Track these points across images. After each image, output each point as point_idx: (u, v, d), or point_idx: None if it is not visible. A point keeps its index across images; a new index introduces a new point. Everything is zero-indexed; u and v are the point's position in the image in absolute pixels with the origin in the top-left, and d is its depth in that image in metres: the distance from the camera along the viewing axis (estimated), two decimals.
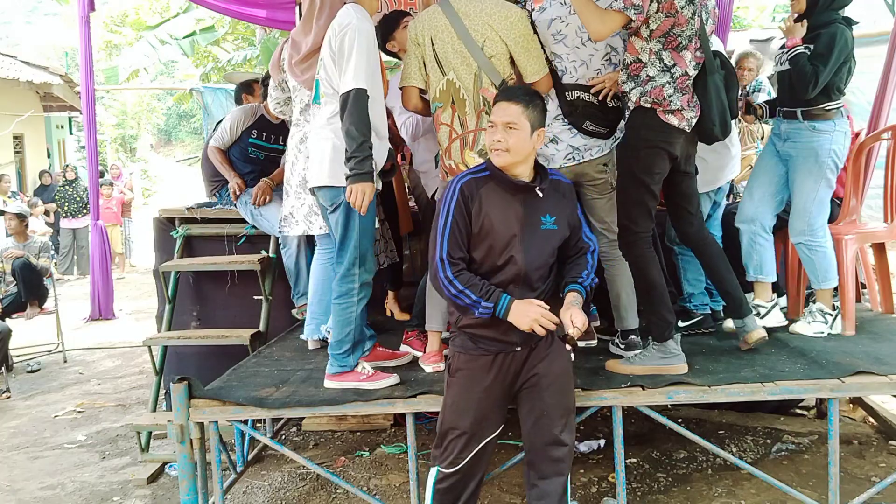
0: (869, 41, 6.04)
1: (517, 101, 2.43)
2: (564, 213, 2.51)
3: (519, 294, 2.41)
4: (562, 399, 2.50)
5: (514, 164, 2.43)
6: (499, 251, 2.41)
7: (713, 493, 3.42)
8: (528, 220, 2.44)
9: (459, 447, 2.46)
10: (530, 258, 2.42)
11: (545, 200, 2.48)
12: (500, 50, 2.93)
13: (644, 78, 2.88)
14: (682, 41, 2.85)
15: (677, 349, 2.98)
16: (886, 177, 3.84)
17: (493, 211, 2.42)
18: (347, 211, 2.91)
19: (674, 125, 2.89)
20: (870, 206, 4.73)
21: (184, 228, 4.61)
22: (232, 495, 3.60)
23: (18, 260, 6.57)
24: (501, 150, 2.40)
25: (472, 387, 2.47)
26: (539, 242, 2.44)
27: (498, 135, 2.41)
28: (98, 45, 18.44)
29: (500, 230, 2.41)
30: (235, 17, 9.03)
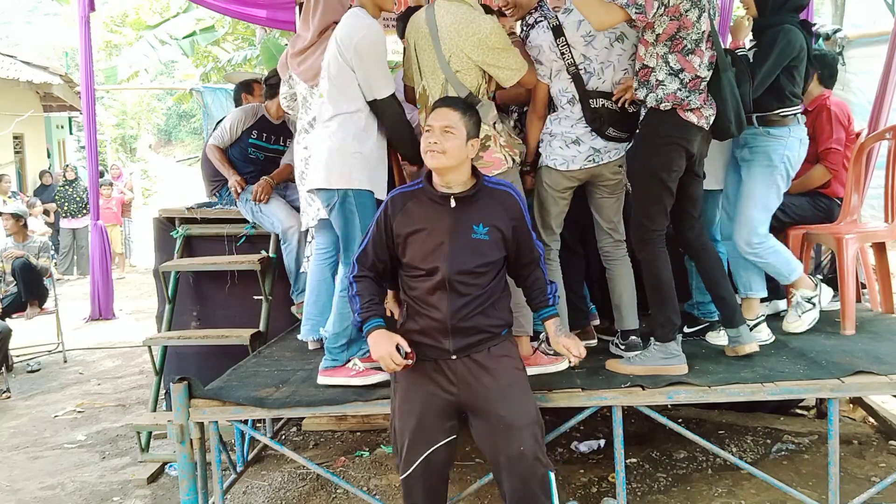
0: (869, 41, 6.03)
1: (455, 108, 2.52)
2: (499, 222, 2.51)
3: (450, 301, 2.44)
4: (516, 409, 2.44)
5: (447, 169, 2.47)
6: (423, 258, 2.47)
7: (713, 493, 3.42)
8: (457, 228, 2.47)
9: (405, 454, 2.49)
10: (455, 266, 2.44)
11: (477, 209, 2.50)
12: (466, 66, 2.94)
13: (654, 83, 2.87)
14: (689, 45, 2.84)
15: (678, 350, 2.98)
16: (887, 177, 3.84)
17: (418, 220, 2.49)
18: (344, 211, 2.95)
19: (693, 122, 2.89)
20: (872, 205, 4.74)
21: (184, 228, 4.61)
22: (232, 495, 3.60)
23: (18, 260, 6.57)
24: (437, 153, 2.45)
25: (413, 391, 2.50)
26: (468, 251, 2.46)
27: (434, 137, 2.46)
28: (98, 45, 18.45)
29: (427, 239, 2.48)
30: (235, 17, 9.04)
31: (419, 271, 2.49)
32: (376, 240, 2.57)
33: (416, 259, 2.49)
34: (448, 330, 2.45)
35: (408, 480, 2.49)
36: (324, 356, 3.08)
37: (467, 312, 2.46)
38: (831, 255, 4.43)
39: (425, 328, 2.49)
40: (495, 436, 2.44)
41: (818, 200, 4.01)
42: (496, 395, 2.45)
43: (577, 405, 2.86)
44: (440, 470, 2.51)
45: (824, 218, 3.98)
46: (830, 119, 3.92)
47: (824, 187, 4.01)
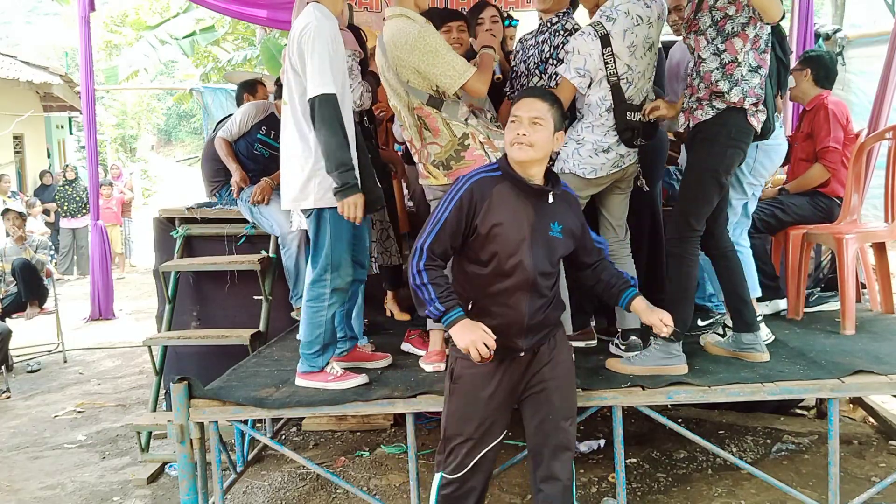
0: (869, 41, 6.04)
1: (544, 99, 2.40)
2: (570, 223, 2.46)
3: (530, 301, 2.38)
4: (566, 402, 2.49)
5: (533, 162, 2.37)
6: (507, 255, 2.34)
7: (713, 493, 3.42)
8: (537, 224, 2.37)
9: (463, 454, 2.43)
10: (538, 264, 2.37)
11: (554, 207, 2.42)
12: (411, 73, 2.97)
13: (738, 77, 2.88)
14: (762, 44, 2.88)
15: (679, 350, 2.98)
16: (887, 177, 3.84)
17: (504, 212, 2.34)
18: (318, 220, 2.92)
19: (754, 126, 2.93)
20: (874, 205, 4.73)
21: (184, 228, 4.61)
22: (232, 495, 3.60)
23: (18, 259, 6.57)
24: (525, 145, 2.33)
25: (475, 394, 2.43)
26: (546, 249, 2.39)
27: (523, 129, 2.34)
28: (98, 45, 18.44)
29: (510, 233, 2.34)
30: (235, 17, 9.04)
31: (498, 269, 2.35)
32: (453, 227, 2.34)
33: (499, 255, 2.34)
34: (524, 329, 2.39)
35: (462, 479, 2.44)
36: (299, 360, 3.04)
37: (543, 310, 2.42)
38: (831, 255, 4.43)
39: (499, 327, 2.34)
40: (545, 424, 2.45)
41: (818, 200, 4.01)
42: (553, 386, 2.46)
43: (577, 405, 2.85)
44: (490, 465, 2.50)
45: (824, 218, 3.98)
46: (828, 118, 3.93)
47: (824, 187, 4.01)
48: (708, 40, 2.93)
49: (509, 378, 2.44)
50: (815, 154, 4.00)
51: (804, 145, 4.07)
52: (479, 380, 2.43)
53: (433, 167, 3.05)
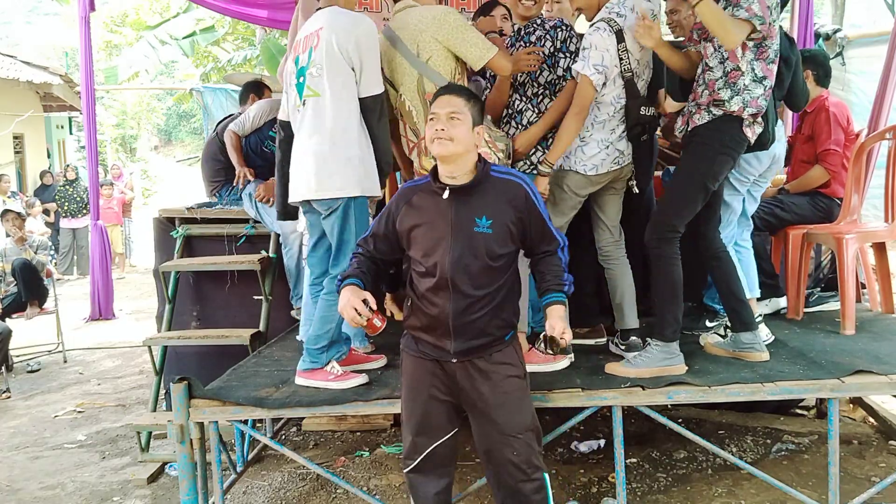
0: (869, 41, 6.03)
1: (459, 94, 2.45)
2: (504, 214, 2.40)
3: (453, 301, 2.37)
4: (513, 418, 2.40)
5: (455, 156, 2.38)
6: (425, 254, 2.42)
7: (713, 493, 3.42)
8: (458, 221, 2.39)
9: (408, 447, 2.51)
10: (456, 263, 2.36)
11: (480, 201, 2.40)
12: (435, 49, 2.98)
13: (741, 86, 2.88)
14: (771, 54, 2.88)
15: (677, 350, 2.99)
16: (887, 177, 3.84)
17: (420, 215, 2.44)
18: (345, 217, 2.92)
19: (748, 137, 2.94)
20: (875, 205, 4.73)
21: (184, 228, 4.61)
22: (232, 495, 3.60)
23: (18, 259, 6.57)
24: (445, 139, 2.36)
25: (416, 389, 2.50)
26: (469, 245, 2.37)
27: (440, 124, 2.38)
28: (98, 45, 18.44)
29: (428, 234, 2.42)
30: (236, 17, 9.04)
31: (420, 267, 2.44)
32: (378, 231, 2.55)
33: (419, 255, 2.44)
34: (449, 331, 2.39)
35: (413, 473, 2.51)
36: (302, 357, 3.05)
37: (471, 313, 2.39)
38: (831, 255, 4.43)
39: (427, 326, 2.45)
40: (489, 441, 2.44)
41: (818, 200, 4.01)
42: (493, 403, 2.42)
43: (577, 405, 2.86)
44: (445, 464, 2.52)
45: (824, 218, 3.98)
46: (829, 120, 3.93)
47: (824, 187, 4.01)
48: (715, 48, 2.93)
49: (444, 381, 2.47)
50: (815, 156, 3.99)
51: (805, 147, 4.07)
52: (418, 375, 2.50)
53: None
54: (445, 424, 2.49)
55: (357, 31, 2.88)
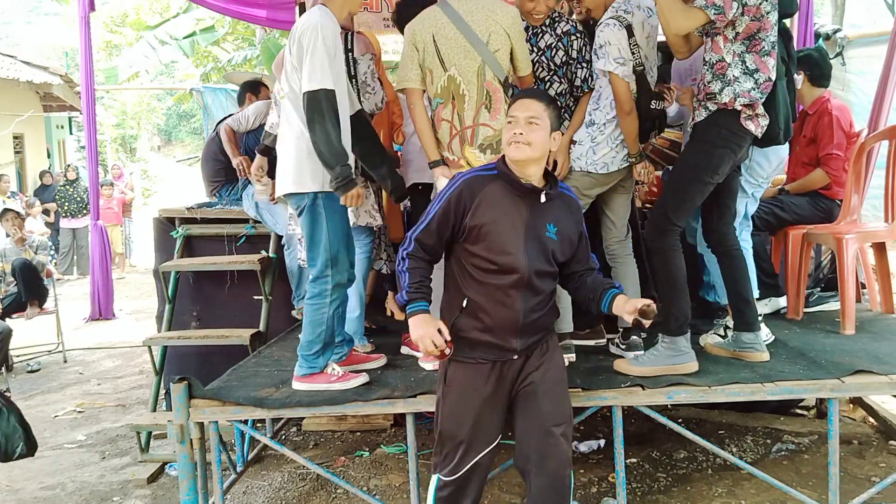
0: (869, 41, 6.03)
1: (539, 99, 2.44)
2: (567, 227, 2.46)
3: (524, 299, 2.39)
4: (557, 407, 2.44)
5: (530, 161, 2.39)
6: (499, 251, 2.36)
7: (713, 493, 3.42)
8: (532, 223, 2.39)
9: (459, 456, 2.43)
10: (533, 262, 2.38)
11: (551, 208, 2.44)
12: (504, 44, 3.00)
13: (731, 77, 2.86)
14: (766, 46, 2.84)
15: (687, 346, 2.96)
16: (887, 177, 3.84)
17: (496, 210, 2.37)
18: (313, 214, 2.91)
19: (750, 131, 2.90)
20: (874, 205, 4.73)
21: (184, 228, 4.62)
22: (232, 495, 3.60)
23: (18, 259, 6.57)
24: (522, 143, 2.36)
25: (469, 396, 2.43)
26: (541, 248, 2.41)
27: (519, 128, 2.38)
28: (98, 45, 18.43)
29: (502, 230, 2.36)
30: (235, 17, 9.05)
31: (492, 265, 2.37)
32: (443, 222, 2.40)
33: (492, 252, 2.36)
34: (518, 329, 2.40)
35: (458, 482, 2.43)
36: (297, 363, 3.02)
37: (537, 311, 2.42)
38: (831, 255, 4.43)
39: (492, 326, 2.38)
40: (534, 431, 2.42)
41: (818, 201, 4.01)
42: (542, 391, 2.43)
43: (577, 405, 2.84)
44: (486, 469, 2.49)
45: (824, 218, 3.98)
46: (832, 124, 3.91)
47: (825, 189, 4.01)
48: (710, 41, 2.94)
49: (501, 382, 2.44)
50: (817, 159, 3.99)
51: (807, 150, 4.04)
52: (472, 382, 2.43)
53: (474, 151, 3.02)
54: (497, 430, 2.47)
55: (299, 31, 2.85)
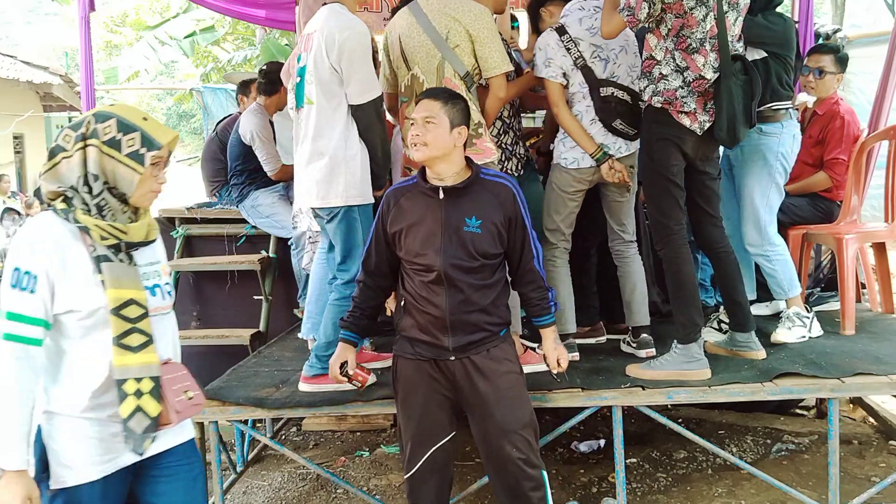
0: (869, 41, 6.04)
1: (436, 98, 2.48)
2: (493, 216, 2.44)
3: (449, 296, 2.42)
4: (510, 414, 2.43)
5: (432, 160, 2.42)
6: (417, 252, 2.44)
7: (713, 493, 3.42)
8: (448, 220, 2.43)
9: (409, 452, 2.50)
10: (448, 260, 2.40)
11: (470, 202, 2.44)
12: (464, 40, 2.97)
13: (656, 76, 2.86)
14: (693, 43, 2.81)
15: (700, 353, 2.93)
16: (887, 177, 3.83)
17: (412, 214, 2.46)
18: (349, 221, 2.90)
19: (685, 125, 2.86)
20: (874, 206, 4.73)
21: (184, 228, 4.62)
22: (232, 495, 3.60)
23: None
24: (420, 144, 2.41)
25: (412, 392, 2.49)
26: (460, 243, 2.41)
27: (416, 129, 2.43)
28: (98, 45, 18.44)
29: (418, 232, 2.44)
30: (235, 17, 9.04)
31: (416, 266, 2.45)
32: (377, 239, 2.55)
33: (412, 253, 2.45)
34: (447, 326, 2.42)
35: (412, 479, 2.50)
36: (307, 363, 3.00)
37: (466, 308, 2.43)
38: (831, 255, 4.43)
39: (424, 324, 2.46)
40: (488, 438, 2.45)
41: (818, 202, 4.00)
42: (491, 400, 2.43)
43: (577, 405, 2.86)
44: (443, 466, 2.51)
45: (824, 219, 3.97)
46: (843, 128, 3.88)
47: (826, 191, 3.99)
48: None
49: (443, 379, 2.47)
50: (821, 160, 3.97)
51: (812, 150, 3.99)
52: (414, 378, 2.49)
53: None
54: (445, 426, 2.49)
55: (342, 37, 2.80)
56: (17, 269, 1.73)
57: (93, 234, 1.77)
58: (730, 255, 3.09)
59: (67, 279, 1.76)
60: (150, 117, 1.89)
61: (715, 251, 3.08)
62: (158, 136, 1.83)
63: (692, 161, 2.95)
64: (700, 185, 3.01)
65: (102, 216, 1.79)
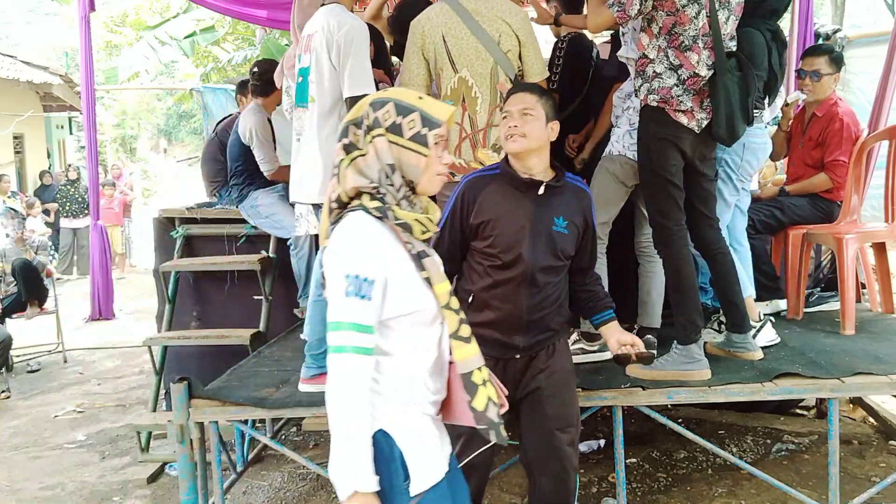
0: (869, 41, 6.04)
1: (532, 92, 2.46)
2: (576, 218, 2.45)
3: (529, 295, 2.39)
4: (561, 411, 2.45)
5: (528, 152, 2.39)
6: (504, 247, 2.38)
7: (713, 493, 3.42)
8: (538, 218, 2.40)
9: (458, 449, 2.43)
10: (537, 257, 2.38)
11: (559, 201, 2.43)
12: (514, 45, 2.98)
13: (650, 74, 2.85)
14: (686, 41, 2.80)
15: (700, 354, 2.93)
16: (887, 177, 3.83)
17: (499, 207, 2.40)
18: None
19: (683, 123, 2.85)
20: (873, 205, 4.73)
21: (184, 228, 4.61)
22: (232, 495, 3.60)
23: (18, 259, 6.58)
24: (518, 136, 2.37)
25: None
26: (548, 243, 2.40)
27: (514, 121, 2.39)
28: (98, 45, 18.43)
29: (507, 226, 2.38)
30: (236, 17, 9.04)
31: (497, 261, 2.39)
32: (452, 226, 2.46)
33: (497, 247, 2.39)
34: (522, 325, 2.40)
35: None
36: (304, 364, 2.99)
37: (543, 308, 2.42)
38: (831, 255, 4.43)
39: (496, 321, 2.41)
40: (538, 433, 2.43)
41: (818, 202, 4.00)
42: (548, 394, 2.44)
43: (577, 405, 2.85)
44: (485, 469, 2.50)
45: (824, 219, 3.97)
46: (842, 130, 3.87)
47: (826, 192, 3.99)
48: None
49: (505, 379, 2.42)
50: (821, 162, 3.97)
51: (812, 152, 3.99)
52: None
53: (487, 152, 2.99)
54: None
55: (339, 34, 2.83)
56: (353, 275, 1.59)
57: (414, 230, 1.67)
58: (726, 256, 3.08)
59: (399, 280, 1.65)
60: (425, 95, 1.76)
61: (711, 252, 3.07)
62: (437, 113, 1.70)
63: (691, 161, 2.93)
64: (698, 188, 3.01)
65: (412, 209, 1.70)
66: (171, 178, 22.36)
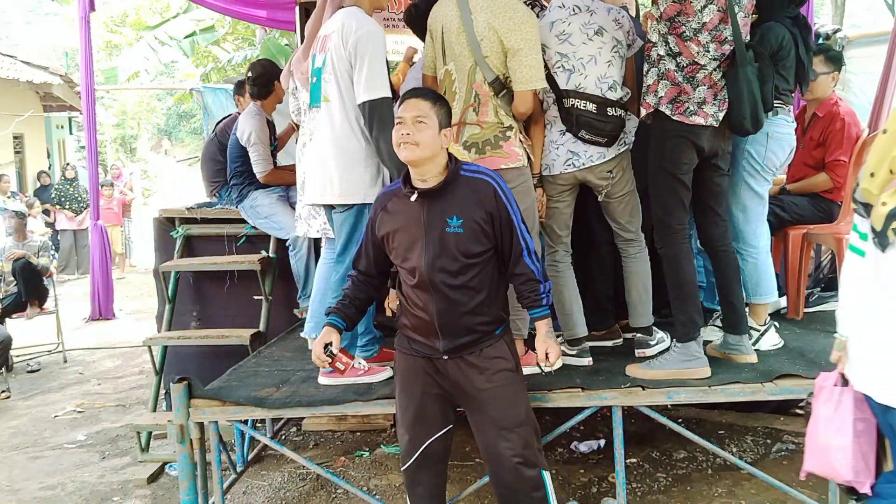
0: (869, 41, 6.04)
1: (425, 98, 2.45)
2: (474, 213, 2.39)
3: (435, 301, 2.40)
4: (506, 412, 2.42)
5: (422, 160, 2.38)
6: (403, 257, 2.45)
7: (713, 493, 3.42)
8: (430, 223, 2.40)
9: (405, 446, 2.54)
10: (432, 265, 2.38)
11: (450, 201, 2.40)
12: (495, 52, 2.91)
13: (654, 57, 2.86)
14: (687, 31, 2.80)
15: (699, 351, 2.93)
16: None
17: (395, 219, 2.46)
18: (358, 217, 2.94)
19: (699, 124, 2.84)
20: None
21: (184, 228, 4.62)
22: (232, 495, 3.60)
23: (19, 260, 6.58)
24: (410, 144, 2.36)
25: (408, 387, 2.53)
26: (444, 247, 2.38)
27: (406, 129, 2.38)
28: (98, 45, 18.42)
29: (403, 236, 2.45)
30: (236, 17, 9.07)
31: (403, 270, 2.48)
32: (367, 241, 2.59)
33: (399, 258, 2.47)
34: (436, 331, 2.42)
35: (408, 471, 2.54)
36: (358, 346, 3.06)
37: (455, 312, 2.41)
38: (831, 255, 4.43)
39: (415, 327, 2.49)
40: (485, 436, 2.46)
41: (819, 202, 4.00)
42: (487, 397, 2.44)
43: (577, 405, 2.86)
44: (438, 460, 2.54)
45: (824, 219, 3.97)
46: (843, 130, 3.86)
47: (826, 192, 3.99)
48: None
49: (437, 378, 2.49)
50: (822, 162, 3.96)
51: (813, 152, 3.98)
52: (410, 372, 2.53)
53: (457, 148, 2.95)
54: (440, 420, 2.51)
55: (355, 36, 2.85)
56: None
57: None
58: (729, 255, 3.07)
59: None
60: None
61: (715, 249, 3.07)
62: None
63: (707, 156, 2.92)
64: (709, 182, 2.99)
65: None
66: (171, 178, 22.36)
